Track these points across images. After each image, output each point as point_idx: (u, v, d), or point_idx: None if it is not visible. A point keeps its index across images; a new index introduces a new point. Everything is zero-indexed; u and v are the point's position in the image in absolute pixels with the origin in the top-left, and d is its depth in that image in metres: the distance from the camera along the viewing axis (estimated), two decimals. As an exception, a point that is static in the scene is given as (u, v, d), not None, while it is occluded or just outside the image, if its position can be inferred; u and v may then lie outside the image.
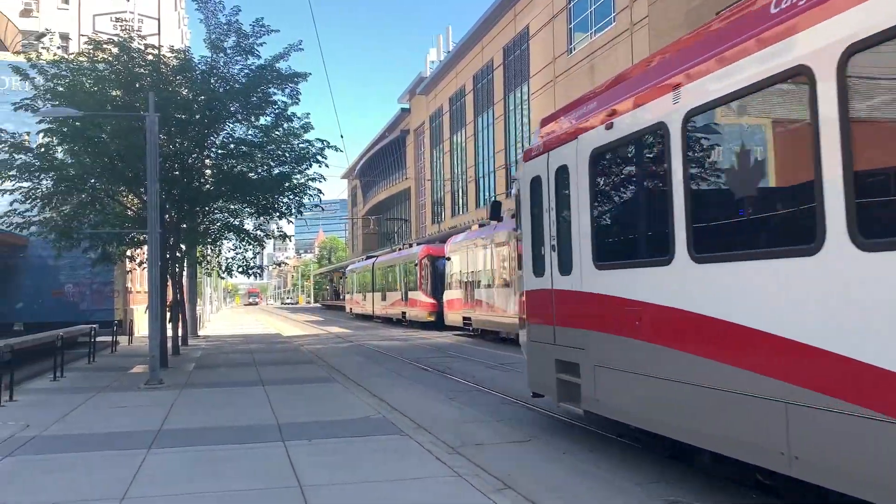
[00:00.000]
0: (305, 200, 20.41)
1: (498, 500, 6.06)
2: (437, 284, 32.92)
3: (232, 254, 22.61)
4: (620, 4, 32.78)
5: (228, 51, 18.05)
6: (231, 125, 19.07)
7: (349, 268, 56.94)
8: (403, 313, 37.47)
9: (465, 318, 28.57)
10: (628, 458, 7.89)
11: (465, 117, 53.57)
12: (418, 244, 39.25)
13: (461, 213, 54.57)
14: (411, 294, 36.15)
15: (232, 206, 20.49)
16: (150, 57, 17.88)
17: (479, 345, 23.96)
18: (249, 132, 19.36)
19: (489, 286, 25.41)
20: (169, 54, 18.98)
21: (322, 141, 19.39)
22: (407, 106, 69.32)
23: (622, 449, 8.31)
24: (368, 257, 51.72)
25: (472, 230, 29.88)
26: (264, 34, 18.12)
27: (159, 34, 37.11)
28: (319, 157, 19.36)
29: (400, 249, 42.23)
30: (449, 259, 30.76)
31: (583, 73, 36.16)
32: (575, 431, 9.36)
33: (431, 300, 33.49)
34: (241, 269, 21.36)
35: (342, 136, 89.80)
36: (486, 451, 8.32)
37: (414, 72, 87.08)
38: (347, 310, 53.88)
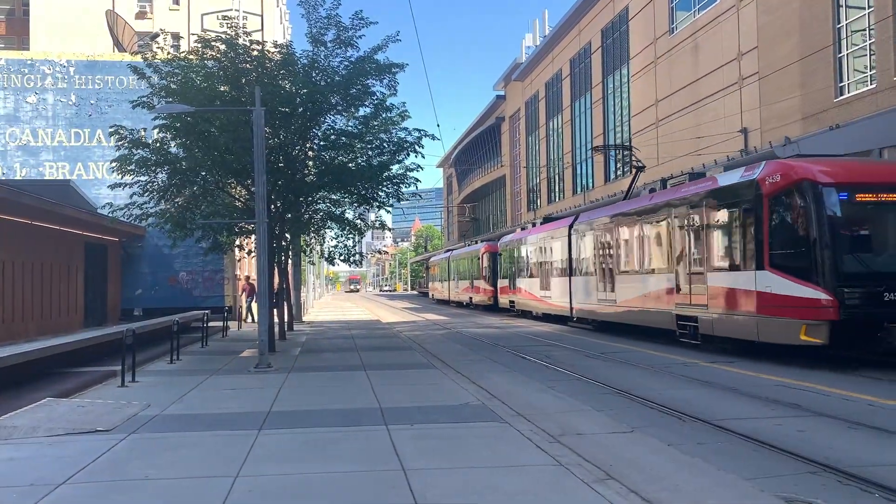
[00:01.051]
0: (403, 189, 20.66)
1: (601, 491, 5.98)
2: (495, 275, 40.24)
3: (333, 242, 23.21)
4: (726, -21, 31.36)
5: (329, 44, 18.45)
6: (332, 117, 19.51)
7: (431, 259, 66.79)
8: (470, 298, 45.75)
9: (510, 302, 36.18)
10: (739, 453, 7.62)
11: (562, 102, 52.78)
12: (482, 241, 47.72)
13: (557, 199, 53.92)
14: (476, 282, 44.06)
15: (333, 197, 21.00)
16: (254, 53, 18.51)
17: (579, 334, 23.67)
18: (349, 123, 19.75)
19: (526, 276, 32.90)
20: (272, 49, 19.61)
21: (419, 130, 19.57)
22: (502, 93, 68.96)
23: (731, 441, 8.03)
24: (447, 251, 59.73)
25: (516, 232, 37.89)
26: (363, 26, 18.42)
27: (262, 30, 38.40)
28: (417, 147, 19.54)
29: (467, 245, 51.22)
30: (500, 254, 38.69)
31: (686, 53, 34.89)
32: (679, 424, 9.11)
33: (490, 287, 41.05)
34: (342, 258, 21.92)
35: (438, 125, 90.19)
36: (587, 440, 8.22)
37: (510, 58, 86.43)
38: (430, 296, 63.68)
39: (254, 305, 26.54)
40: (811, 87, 26.17)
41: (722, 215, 15.94)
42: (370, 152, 19.73)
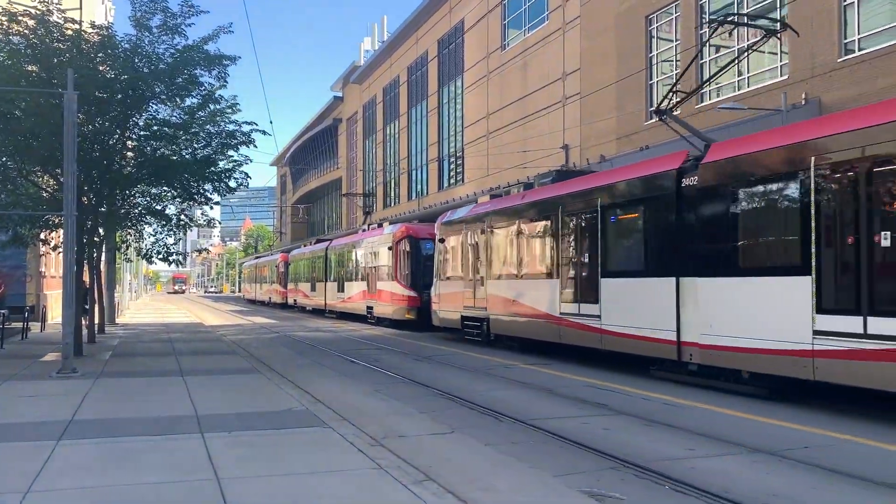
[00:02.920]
0: (231, 184, 19.91)
1: (418, 492, 6.08)
2: (417, 274, 27.01)
3: (152, 240, 21.89)
4: (554, 3, 33.24)
5: (154, 30, 17.43)
6: (155, 106, 18.44)
7: (294, 253, 50.91)
8: (369, 308, 31.34)
9: (465, 319, 21.93)
10: (550, 450, 8.05)
11: (399, 108, 53.38)
12: (391, 223, 31.69)
13: (393, 204, 54.38)
14: (381, 285, 29.89)
15: (154, 190, 19.85)
16: (69, 32, 17.10)
17: (409, 338, 23.96)
18: (174, 114, 18.77)
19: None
20: (90, 30, 18.20)
21: (249, 123, 18.98)
22: (340, 94, 68.57)
23: (544, 441, 8.47)
24: (318, 241, 46.91)
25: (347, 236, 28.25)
26: (193, 14, 17.56)
27: (81, 9, 35.43)
28: (247, 141, 18.92)
29: (362, 231, 35.80)
30: (443, 241, 23.16)
31: (516, 69, 36.52)
32: (497, 424, 9.48)
33: (410, 293, 27.06)
34: (161, 256, 20.70)
35: (272, 122, 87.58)
36: (409, 442, 8.34)
37: (348, 60, 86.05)
38: (290, 301, 49.17)
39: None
40: (625, 109, 28.32)
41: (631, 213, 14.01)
42: (196, 145, 18.85)
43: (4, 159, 17.01)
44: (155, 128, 18.46)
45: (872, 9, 19.72)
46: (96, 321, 21.94)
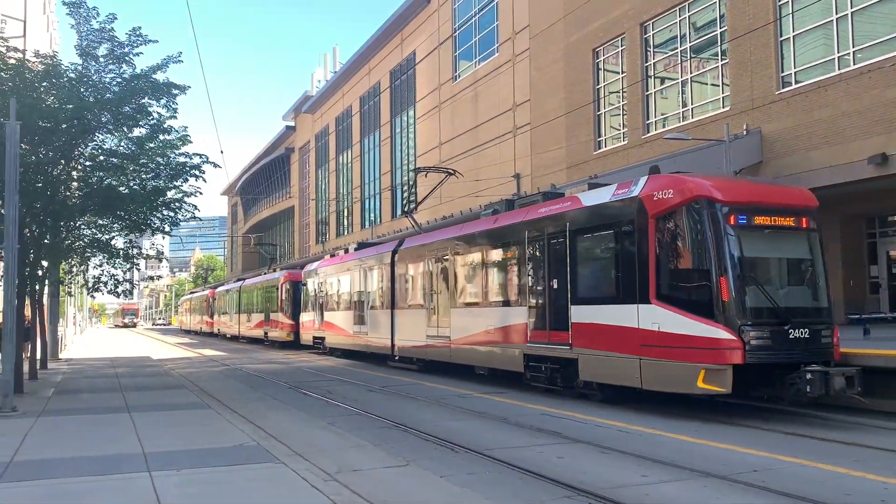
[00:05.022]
0: (180, 216, 19.59)
1: (373, 528, 6.00)
2: (297, 307, 35.19)
3: (97, 272, 21.31)
4: (504, 35, 33.88)
5: (101, 59, 17.18)
6: (101, 136, 18.10)
7: (218, 290, 59.34)
8: (266, 333, 40.71)
9: (315, 338, 31.53)
10: (506, 480, 8.04)
11: (352, 138, 53.46)
12: (281, 269, 42.93)
13: (346, 233, 54.18)
14: (273, 315, 39.20)
15: (100, 222, 19.40)
16: (12, 60, 16.72)
17: (361, 368, 23.74)
18: (121, 144, 18.45)
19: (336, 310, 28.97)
20: (34, 59, 17.84)
21: (200, 155, 18.75)
22: (292, 124, 68.39)
23: (499, 471, 8.45)
24: (238, 280, 54.17)
25: (326, 259, 32.20)
26: (141, 44, 17.36)
27: (25, 37, 34.86)
28: (197, 172, 18.69)
29: (264, 274, 45.69)
30: (305, 285, 33.36)
31: (467, 101, 36.98)
32: (452, 455, 9.43)
33: (291, 321, 36.14)
34: (108, 288, 20.17)
35: (222, 152, 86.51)
36: (363, 476, 8.24)
37: (300, 90, 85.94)
38: (214, 330, 57.37)
39: None
40: (575, 139, 28.88)
41: (593, 239, 13.96)
42: (144, 175, 18.52)
43: (-59, 190, 16.44)
44: (101, 158, 18.12)
45: (807, 43, 20.62)
46: (38, 357, 21.21)
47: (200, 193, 19.30)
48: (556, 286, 14.57)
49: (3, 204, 14.52)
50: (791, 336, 11.22)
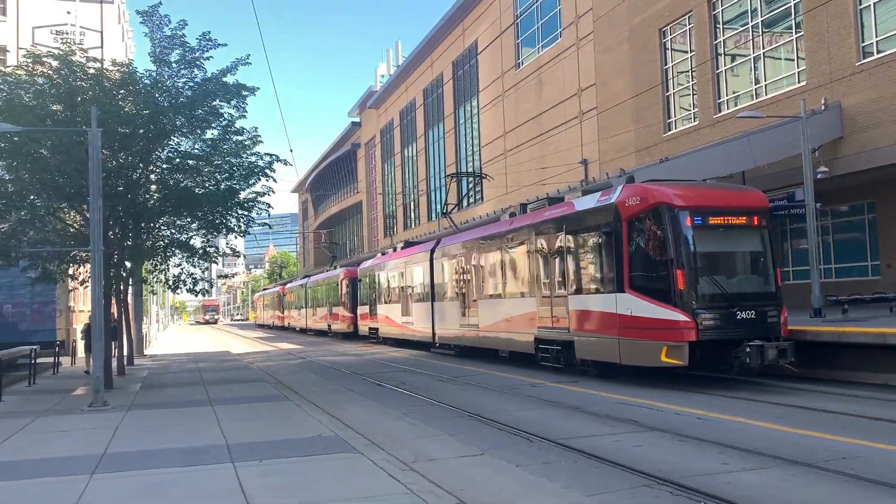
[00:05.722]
0: (254, 215, 20.09)
1: (451, 516, 6.04)
2: (354, 301, 38.68)
3: (177, 270, 22.10)
4: (567, 20, 33.37)
5: (174, 64, 17.75)
6: (177, 139, 18.72)
7: (287, 286, 63.23)
8: (329, 325, 44.07)
9: (370, 329, 34.80)
10: (582, 469, 7.96)
11: (416, 131, 53.73)
12: (341, 266, 46.13)
13: (413, 225, 54.55)
14: (335, 309, 42.57)
15: (178, 222, 20.08)
16: (91, 70, 17.45)
17: (433, 359, 23.91)
18: (196, 146, 19.03)
19: (386, 303, 32.21)
20: (112, 68, 18.57)
21: (270, 155, 19.17)
22: (358, 119, 69.20)
23: (575, 460, 8.38)
24: (304, 276, 58.95)
25: (378, 257, 36.32)
26: (211, 48, 17.86)
27: (102, 47, 36.23)
28: (268, 171, 19.12)
29: (327, 271, 49.12)
30: (361, 280, 36.93)
31: (531, 87, 36.63)
32: (527, 445, 9.40)
33: (350, 314, 39.38)
34: (188, 287, 20.89)
35: (291, 150, 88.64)
36: (439, 465, 8.30)
37: (364, 86, 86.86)
38: (285, 324, 61.25)
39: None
40: (643, 122, 28.25)
41: (583, 238, 16.07)
42: (218, 176, 19.07)
43: (32, 197, 17.33)
44: (177, 160, 18.73)
45: (890, 10, 19.57)
46: (125, 353, 22.15)
47: (272, 193, 19.76)
48: (557, 279, 16.93)
49: (88, 208, 15.18)
50: (738, 317, 13.32)
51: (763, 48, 23.46)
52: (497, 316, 20.29)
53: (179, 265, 21.70)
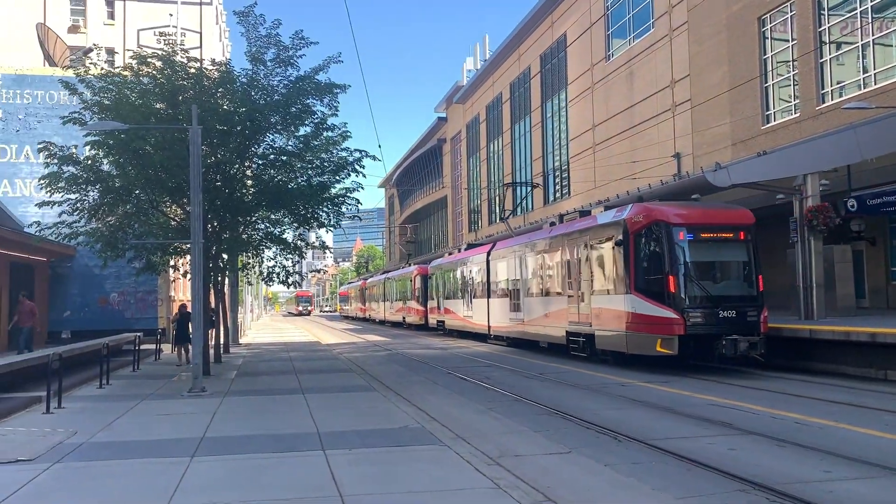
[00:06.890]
0: (343, 210, 20.52)
1: (538, 513, 6.00)
2: (425, 296, 42.55)
3: (271, 263, 22.84)
4: (659, 10, 32.49)
5: (269, 63, 18.31)
6: (271, 136, 19.32)
7: (368, 281, 68.19)
8: (404, 318, 48.24)
9: (438, 321, 38.64)
10: (672, 471, 7.76)
11: (503, 125, 53.51)
12: (415, 264, 51.03)
13: (498, 221, 54.39)
14: (408, 303, 46.70)
15: (272, 216, 20.73)
16: (192, 70, 18.22)
17: (516, 354, 23.84)
18: (289, 143, 19.57)
19: (449, 298, 36.04)
20: (210, 67, 19.33)
21: (360, 151, 19.54)
22: (444, 115, 69.50)
23: (665, 462, 8.18)
24: (383, 272, 62.64)
25: (445, 257, 40.85)
26: (304, 46, 18.35)
27: (201, 47, 37.82)
28: (357, 167, 19.48)
29: (402, 268, 53.56)
30: (431, 277, 41.07)
31: (621, 80, 35.87)
32: (615, 444, 9.24)
33: (422, 308, 43.32)
34: (280, 279, 21.57)
35: (380, 146, 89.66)
36: (525, 462, 8.26)
37: (451, 80, 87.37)
38: (366, 315, 66.16)
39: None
40: (740, 114, 27.20)
41: (601, 247, 18.88)
42: (310, 172, 19.57)
43: (137, 192, 18.24)
44: (272, 156, 19.32)
45: None
46: (221, 342, 23.08)
47: (362, 188, 20.13)
48: (582, 281, 19.79)
49: (189, 202, 15.87)
50: (720, 315, 15.96)
51: (872, 35, 22.17)
52: (538, 312, 23.42)
53: (273, 258, 22.41)
